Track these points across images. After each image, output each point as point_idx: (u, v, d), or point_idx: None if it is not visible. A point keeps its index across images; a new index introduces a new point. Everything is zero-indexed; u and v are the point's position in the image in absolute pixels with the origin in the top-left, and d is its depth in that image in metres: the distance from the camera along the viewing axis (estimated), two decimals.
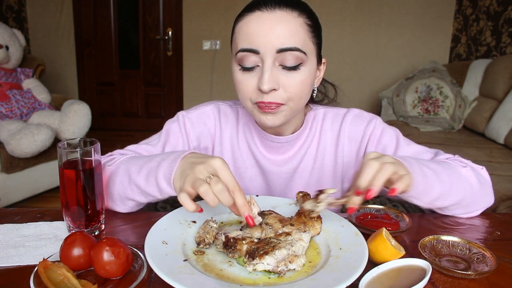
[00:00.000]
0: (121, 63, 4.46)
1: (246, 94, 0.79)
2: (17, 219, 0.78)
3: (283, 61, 0.75)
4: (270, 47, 0.73)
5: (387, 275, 0.58)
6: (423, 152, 0.88)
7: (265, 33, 0.73)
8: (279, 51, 0.73)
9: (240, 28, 0.77)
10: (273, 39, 0.73)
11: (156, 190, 0.73)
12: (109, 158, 0.85)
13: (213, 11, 4.12)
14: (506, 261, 0.66)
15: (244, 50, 0.75)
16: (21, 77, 2.81)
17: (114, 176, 0.79)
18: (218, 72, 4.27)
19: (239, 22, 0.78)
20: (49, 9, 4.24)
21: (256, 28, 0.74)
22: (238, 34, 0.78)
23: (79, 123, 2.69)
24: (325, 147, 0.93)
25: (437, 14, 4.00)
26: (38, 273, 0.54)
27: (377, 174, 0.62)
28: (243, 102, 0.82)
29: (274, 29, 0.73)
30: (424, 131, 3.03)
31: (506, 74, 2.80)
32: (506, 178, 1.99)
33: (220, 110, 0.96)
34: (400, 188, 0.64)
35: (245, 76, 0.78)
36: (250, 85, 0.77)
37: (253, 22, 0.75)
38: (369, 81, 4.17)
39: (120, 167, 0.79)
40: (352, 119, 0.92)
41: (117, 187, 0.78)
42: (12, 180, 2.45)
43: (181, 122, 0.93)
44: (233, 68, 0.81)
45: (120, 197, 0.79)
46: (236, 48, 0.78)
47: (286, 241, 0.61)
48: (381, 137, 0.90)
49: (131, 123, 4.62)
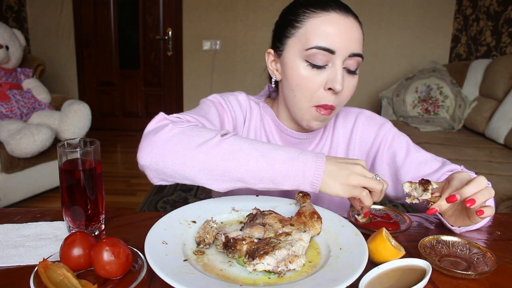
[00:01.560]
0: (121, 63, 4.46)
1: (310, 91, 0.79)
2: (17, 219, 0.78)
3: (348, 65, 0.78)
4: (345, 50, 0.76)
5: (387, 275, 0.58)
6: (431, 160, 0.88)
7: (344, 37, 0.76)
8: (351, 55, 0.77)
9: (317, 27, 0.77)
10: (348, 43, 0.76)
11: (290, 185, 0.67)
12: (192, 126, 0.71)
13: (213, 11, 4.12)
14: (506, 261, 0.66)
15: (321, 48, 0.76)
16: (21, 77, 2.81)
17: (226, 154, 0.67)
18: (218, 72, 4.27)
19: (313, 18, 0.77)
20: (49, 9, 4.25)
21: (336, 29, 0.76)
22: (314, 31, 0.77)
23: (79, 123, 2.69)
24: (338, 145, 0.95)
25: (437, 14, 4.00)
26: (38, 273, 0.54)
27: (482, 191, 0.64)
28: (301, 99, 0.80)
29: (350, 33, 0.77)
30: (424, 131, 3.03)
31: (506, 74, 2.80)
32: (506, 178, 2.00)
33: (250, 101, 0.95)
34: (488, 213, 0.64)
35: (313, 73, 0.78)
36: (318, 82, 0.78)
37: (331, 24, 0.76)
38: (369, 81, 4.17)
39: (234, 145, 0.67)
40: (365, 120, 0.94)
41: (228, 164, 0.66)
42: (12, 180, 2.45)
43: (225, 100, 0.89)
44: (296, 63, 0.79)
45: (223, 174, 0.67)
46: (308, 44, 0.77)
47: (286, 241, 0.61)
48: (392, 142, 0.91)
49: (131, 123, 4.62)
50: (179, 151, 0.67)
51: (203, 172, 0.67)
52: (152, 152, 0.68)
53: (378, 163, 0.92)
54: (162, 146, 0.68)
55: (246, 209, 0.78)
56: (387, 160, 0.91)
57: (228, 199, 0.82)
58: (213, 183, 0.69)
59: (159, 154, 0.68)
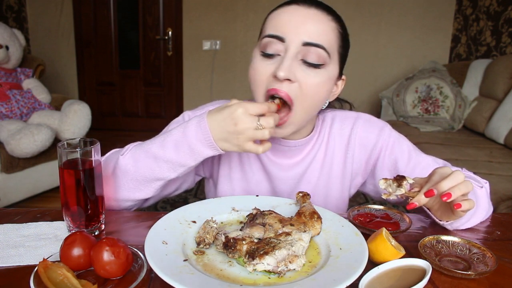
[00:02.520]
0: (121, 63, 4.46)
1: (260, 81, 0.77)
2: (17, 219, 0.78)
3: (306, 56, 0.74)
4: (296, 38, 0.74)
5: (387, 275, 0.58)
6: (432, 164, 0.87)
7: (296, 25, 0.74)
8: (304, 44, 0.74)
9: (272, 17, 0.78)
10: (302, 31, 0.74)
11: (191, 157, 0.74)
12: (111, 152, 0.85)
13: (213, 11, 4.12)
14: (506, 261, 0.66)
15: (270, 36, 0.75)
16: (21, 77, 2.81)
17: (135, 161, 0.77)
18: (218, 72, 4.27)
19: (273, 12, 0.79)
20: (49, 9, 4.24)
21: (288, 18, 0.75)
22: (269, 22, 0.78)
23: (79, 123, 2.69)
24: (333, 152, 0.91)
25: (437, 14, 4.00)
26: (38, 273, 0.54)
27: (459, 185, 0.64)
28: (255, 93, 0.79)
29: (306, 23, 0.74)
30: (424, 131, 3.03)
31: (506, 74, 2.80)
32: (506, 178, 2.00)
33: None
34: (466, 206, 0.65)
35: (264, 63, 0.76)
36: (268, 71, 0.76)
37: (286, 13, 0.76)
38: (369, 81, 4.17)
39: (136, 153, 0.78)
40: (363, 125, 0.90)
41: (142, 171, 0.77)
42: (12, 180, 2.45)
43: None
44: (254, 56, 0.79)
45: (146, 180, 0.78)
46: (263, 34, 0.78)
47: (286, 241, 0.61)
48: (393, 148, 0.89)
49: (131, 123, 4.62)
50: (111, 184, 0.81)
51: (131, 190, 0.79)
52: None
53: (378, 169, 0.91)
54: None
55: (246, 209, 0.78)
56: (389, 166, 0.89)
57: (228, 199, 0.82)
58: (140, 194, 0.80)
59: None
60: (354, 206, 0.82)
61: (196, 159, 0.75)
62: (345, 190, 0.94)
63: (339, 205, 0.96)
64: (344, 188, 0.94)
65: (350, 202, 0.99)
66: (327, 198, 0.94)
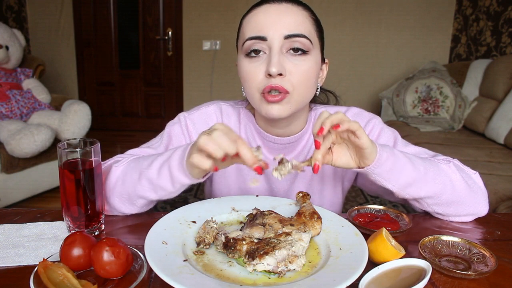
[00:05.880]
0: (121, 63, 4.46)
1: (254, 83, 0.78)
2: (17, 219, 0.78)
3: (290, 47, 0.77)
4: (277, 34, 0.76)
5: (387, 275, 0.58)
6: (420, 154, 0.87)
7: (273, 22, 0.76)
8: (286, 37, 0.76)
9: (248, 21, 0.80)
10: (281, 26, 0.76)
11: (169, 181, 0.72)
12: (113, 160, 0.84)
13: (213, 11, 4.12)
14: (506, 261, 0.66)
15: (252, 38, 0.77)
16: (21, 77, 2.81)
17: (124, 175, 0.78)
18: (218, 72, 4.27)
19: (246, 16, 0.81)
20: (49, 9, 4.25)
21: (264, 17, 0.77)
22: (246, 26, 0.79)
23: (79, 123, 2.69)
24: None
25: (437, 14, 4.00)
26: (38, 273, 0.54)
27: (327, 119, 0.64)
28: (250, 94, 0.80)
29: (282, 18, 0.76)
30: (424, 131, 3.03)
31: (506, 74, 2.80)
32: (506, 178, 1.99)
33: (222, 110, 0.94)
34: (345, 126, 0.64)
35: (253, 65, 0.78)
36: (259, 71, 0.77)
37: (260, 14, 0.78)
38: (369, 81, 4.17)
39: (129, 166, 0.78)
40: (352, 117, 0.92)
41: (127, 185, 0.77)
42: (12, 180, 2.45)
43: (182, 123, 0.92)
44: (240, 61, 0.81)
45: (129, 196, 0.77)
46: (243, 39, 0.79)
47: (286, 241, 0.61)
48: (378, 137, 0.90)
49: (131, 123, 4.62)
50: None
51: (117, 204, 0.79)
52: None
53: None
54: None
55: (246, 209, 0.78)
56: None
57: (228, 199, 0.82)
58: (125, 208, 0.79)
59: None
60: (354, 206, 0.82)
61: (174, 185, 0.72)
62: (338, 182, 0.96)
63: (334, 199, 0.97)
64: (337, 180, 0.95)
65: (350, 203, 0.99)
66: (322, 192, 0.95)
